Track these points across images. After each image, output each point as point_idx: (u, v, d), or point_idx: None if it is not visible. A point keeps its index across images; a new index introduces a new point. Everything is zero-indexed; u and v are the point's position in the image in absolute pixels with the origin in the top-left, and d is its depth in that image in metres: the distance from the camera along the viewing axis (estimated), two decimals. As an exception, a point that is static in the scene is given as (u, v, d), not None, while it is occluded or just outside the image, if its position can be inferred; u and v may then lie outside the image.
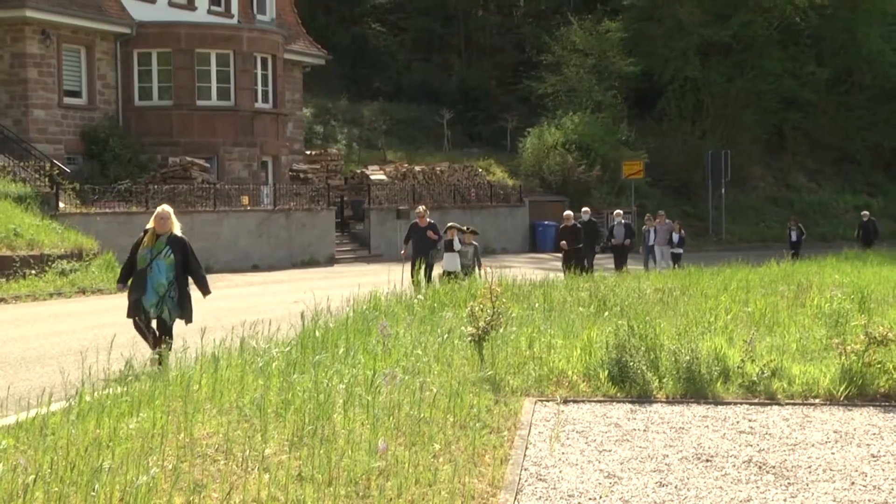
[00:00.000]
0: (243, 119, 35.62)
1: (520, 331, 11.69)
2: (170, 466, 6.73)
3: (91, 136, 32.85)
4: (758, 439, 8.26)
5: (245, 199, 32.87)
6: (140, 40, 34.28)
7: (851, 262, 25.30)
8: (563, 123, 48.20)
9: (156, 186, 30.48)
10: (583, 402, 9.52)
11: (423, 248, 20.26)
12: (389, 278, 16.98)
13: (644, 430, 8.50)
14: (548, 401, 9.43)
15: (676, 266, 26.36)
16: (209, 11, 37.22)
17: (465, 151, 49.45)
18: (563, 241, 24.41)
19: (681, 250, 29.01)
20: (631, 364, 9.86)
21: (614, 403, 9.47)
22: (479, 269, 19.52)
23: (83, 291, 22.35)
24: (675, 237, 28.95)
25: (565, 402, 9.40)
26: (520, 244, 42.03)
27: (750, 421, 8.88)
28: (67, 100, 32.77)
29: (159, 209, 12.13)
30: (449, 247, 19.69)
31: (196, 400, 8.34)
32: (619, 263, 26.52)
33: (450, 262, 19.62)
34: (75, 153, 32.62)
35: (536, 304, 14.48)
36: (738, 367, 10.04)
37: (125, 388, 8.51)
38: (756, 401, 9.59)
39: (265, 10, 40.85)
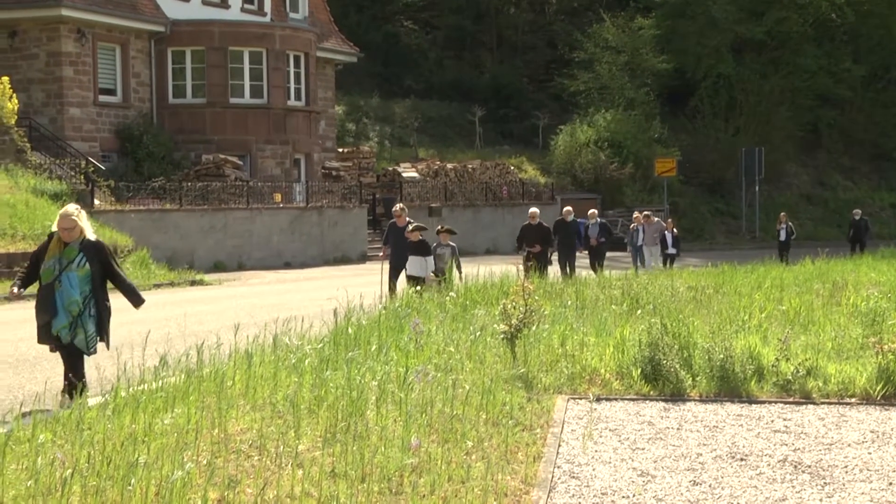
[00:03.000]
0: (276, 117, 35.77)
1: (552, 328, 11.65)
2: (204, 461, 6.77)
3: (125, 134, 33.12)
4: (793, 438, 8.20)
5: (277, 197, 33.01)
6: (174, 38, 34.51)
7: (888, 261, 25.04)
8: (595, 121, 48.08)
9: (189, 184, 30.68)
10: (616, 399, 9.48)
11: (402, 252, 17.58)
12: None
13: (677, 429, 8.46)
14: (580, 398, 9.40)
15: (670, 267, 24.57)
16: (242, 10, 37.40)
17: (496, 149, 49.41)
18: (532, 244, 21.53)
19: (675, 251, 27.20)
20: (664, 362, 9.80)
21: (647, 401, 9.42)
22: (460, 273, 17.17)
23: (118, 288, 22.46)
24: (669, 238, 27.05)
25: (598, 399, 9.36)
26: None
27: (785, 420, 8.81)
28: (102, 98, 33.05)
29: (63, 209, 9.58)
30: (417, 249, 17.01)
31: (230, 396, 8.37)
32: (594, 264, 24.50)
33: (414, 265, 16.97)
34: (110, 151, 32.90)
35: (569, 302, 14.42)
36: (772, 366, 9.96)
37: (160, 384, 8.56)
38: (791, 400, 9.51)
39: (298, 8, 41.00)
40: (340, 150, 42.49)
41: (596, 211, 26.54)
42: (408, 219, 18.15)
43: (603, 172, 45.94)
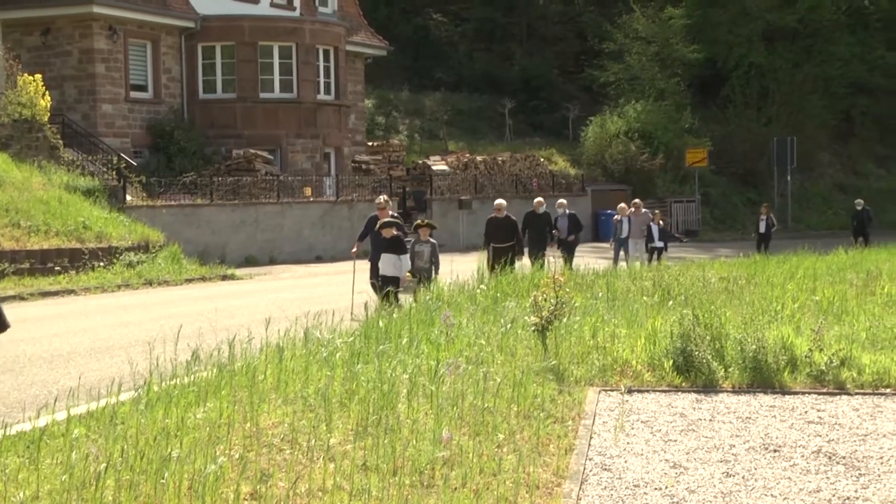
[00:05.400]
0: (306, 111, 35.85)
1: (583, 320, 11.63)
2: (236, 456, 6.80)
3: (157, 130, 33.31)
4: (827, 429, 8.14)
5: (308, 191, 33.09)
6: (204, 34, 34.66)
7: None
8: (625, 112, 47.86)
9: (220, 179, 30.81)
10: (647, 391, 9.45)
11: (383, 248, 15.99)
12: (452, 268, 17.00)
13: (710, 420, 8.42)
14: (612, 390, 9.38)
15: (656, 262, 22.56)
16: (272, 4, 37.48)
17: (526, 141, 49.31)
18: (499, 240, 19.81)
19: (662, 244, 25.14)
20: (696, 353, 9.76)
21: (679, 393, 9.39)
22: (435, 272, 16.05)
23: (150, 283, 22.66)
24: (655, 230, 25.02)
25: (630, 391, 9.34)
26: (581, 234, 41.84)
27: (818, 411, 8.75)
28: (134, 94, 33.26)
29: None
30: (391, 246, 15.58)
31: (261, 390, 8.41)
32: (565, 260, 21.72)
33: (387, 264, 15.50)
34: (142, 146, 33.10)
35: (600, 294, 14.39)
36: (805, 357, 9.89)
37: (192, 379, 8.61)
38: (825, 390, 9.44)
39: (327, 2, 41.04)
40: (370, 143, 42.52)
41: (565, 201, 24.03)
42: (391, 212, 16.77)
43: (633, 163, 45.73)
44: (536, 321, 10.39)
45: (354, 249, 17.45)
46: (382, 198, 17.44)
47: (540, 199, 22.95)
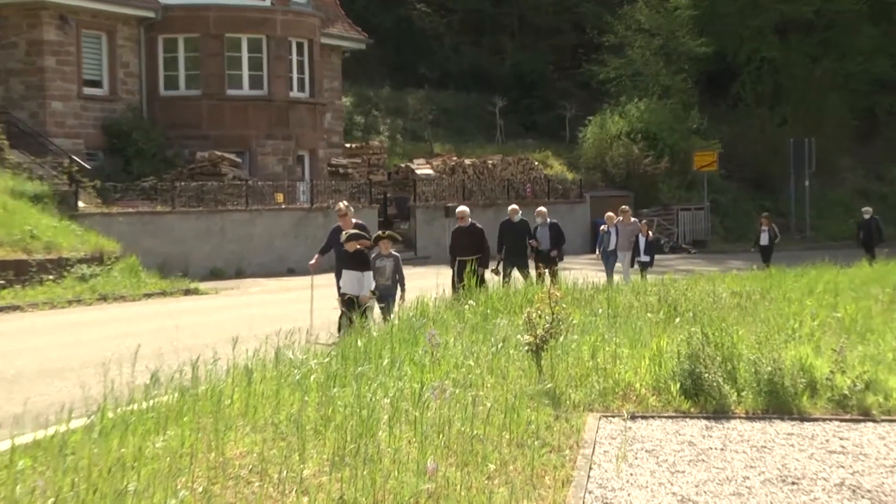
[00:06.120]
0: (277, 110, 35.85)
1: (582, 339, 11.62)
2: (200, 489, 6.75)
3: (113, 130, 33.24)
4: (850, 460, 8.13)
5: (280, 197, 33.08)
6: (165, 25, 34.64)
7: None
8: (627, 111, 48.03)
9: (183, 183, 30.78)
10: (652, 417, 9.43)
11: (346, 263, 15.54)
12: (438, 282, 16.97)
13: (721, 450, 8.40)
14: (613, 416, 9.36)
15: (642, 277, 22.24)
16: (240, -8, 37.52)
17: (519, 143, 49.41)
18: (464, 252, 19.06)
19: (648, 259, 24.82)
20: (706, 376, 9.75)
21: (687, 419, 9.38)
22: (402, 291, 15.64)
23: (104, 298, 22.56)
24: (642, 242, 24.77)
25: (633, 417, 9.32)
26: (580, 244, 41.83)
27: (841, 439, 8.75)
28: (87, 90, 33.18)
29: None
30: (353, 261, 15.22)
31: (228, 416, 8.37)
32: (541, 268, 21.11)
33: (349, 282, 15.19)
34: (96, 148, 33.02)
35: (600, 310, 14.39)
36: (826, 380, 9.89)
37: (150, 404, 8.56)
38: (848, 417, 9.44)
39: (300, -10, 41.11)
40: (348, 145, 42.55)
41: (545, 210, 23.29)
42: (354, 220, 16.35)
43: (636, 167, 45.88)
44: (530, 340, 10.37)
45: (313, 262, 16.59)
46: (342, 204, 16.89)
47: (514, 206, 22.50)
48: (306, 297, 16.15)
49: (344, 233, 15.47)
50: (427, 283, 18.17)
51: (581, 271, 22.22)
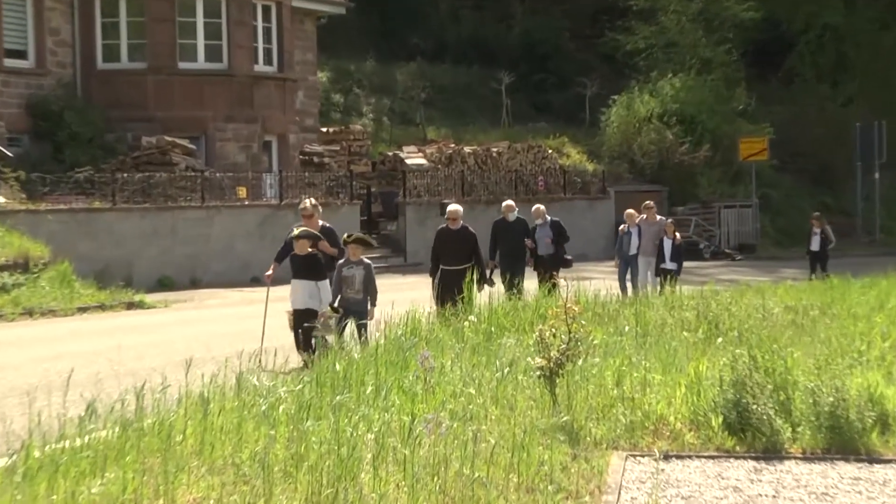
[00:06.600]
0: (239, 87, 35.83)
1: (605, 362, 11.63)
2: (145, 542, 6.75)
3: (40, 110, 33.19)
4: (928, 509, 8.15)
5: (242, 192, 33.05)
6: (104, -16, 34.63)
7: None
8: (659, 89, 48.05)
9: (126, 175, 30.72)
10: (689, 457, 9.44)
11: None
12: (432, 294, 16.96)
13: (773, 497, 8.41)
14: (643, 456, 9.37)
15: (670, 287, 21.71)
16: (194, -54, 37.55)
17: (529, 127, 49.40)
18: (453, 260, 18.63)
19: (675, 267, 24.23)
20: (754, 407, 9.76)
21: (732, 460, 9.38)
22: (373, 303, 15.49)
23: (30, 313, 22.52)
24: (667, 246, 24.45)
25: (666, 457, 9.33)
26: (603, 248, 41.86)
27: (917, 484, 8.76)
28: (9, 62, 33.11)
29: None
30: (305, 267, 15.12)
31: (179, 455, 8.36)
32: (543, 280, 21.16)
33: (300, 294, 15.16)
34: (19, 132, 32.94)
35: (626, 328, 14.40)
36: (899, 412, 9.92)
37: (86, 441, 8.54)
38: (925, 457, 9.47)
39: (267, -58, 41.15)
40: (324, 129, 42.55)
41: (543, 207, 23.52)
42: (321, 222, 16.31)
43: (670, 157, 45.89)
44: (543, 364, 10.38)
45: (269, 273, 16.36)
46: (308, 201, 16.85)
47: (510, 202, 22.57)
48: (274, 310, 16.11)
49: (293, 229, 15.28)
50: (419, 294, 18.17)
51: (603, 281, 22.24)
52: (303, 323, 14.42)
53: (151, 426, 8.93)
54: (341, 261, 15.64)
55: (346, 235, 16.02)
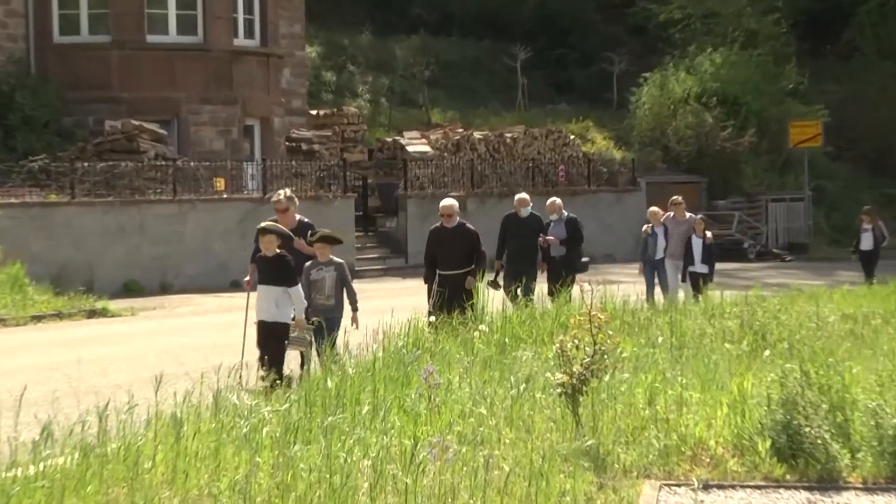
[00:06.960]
0: (217, 63, 35.86)
1: (635, 378, 11.63)
2: (109, 584, 6.76)
3: (-11, 90, 33.28)
4: None
5: (220, 183, 33.05)
6: (62, -55, 34.69)
7: None
8: (697, 65, 48.04)
9: (86, 164, 30.73)
10: (733, 487, 9.44)
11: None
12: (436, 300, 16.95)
13: (828, 532, 8.42)
14: (679, 485, 9.37)
15: (699, 293, 21.84)
16: None
17: (548, 109, 49.45)
18: (450, 264, 18.35)
19: (706, 269, 24.08)
20: (807, 430, 9.76)
21: (782, 490, 9.39)
22: (353, 306, 15.32)
23: (-22, 322, 22.58)
24: (698, 246, 24.16)
25: (706, 487, 9.34)
26: (631, 248, 41.83)
27: None
28: (-46, 36, 33.21)
29: None
30: (272, 271, 14.39)
31: (148, 485, 8.36)
32: (553, 282, 21.04)
33: (265, 302, 14.45)
34: (-36, 115, 33.04)
35: (660, 339, 14.40)
36: (974, 436, 9.91)
37: (41, 468, 8.55)
38: None
39: None
40: (314, 112, 42.57)
41: (559, 201, 23.40)
42: (298, 216, 16.03)
43: (710, 143, 45.86)
44: (564, 380, 10.37)
45: (248, 279, 16.13)
46: (283, 193, 16.34)
47: (524, 195, 22.35)
48: (252, 319, 15.96)
49: (260, 225, 14.80)
50: (421, 300, 18.16)
51: (633, 285, 22.26)
52: (268, 338, 14.04)
53: (116, 452, 8.93)
54: (308, 263, 15.26)
55: (309, 234, 15.51)
